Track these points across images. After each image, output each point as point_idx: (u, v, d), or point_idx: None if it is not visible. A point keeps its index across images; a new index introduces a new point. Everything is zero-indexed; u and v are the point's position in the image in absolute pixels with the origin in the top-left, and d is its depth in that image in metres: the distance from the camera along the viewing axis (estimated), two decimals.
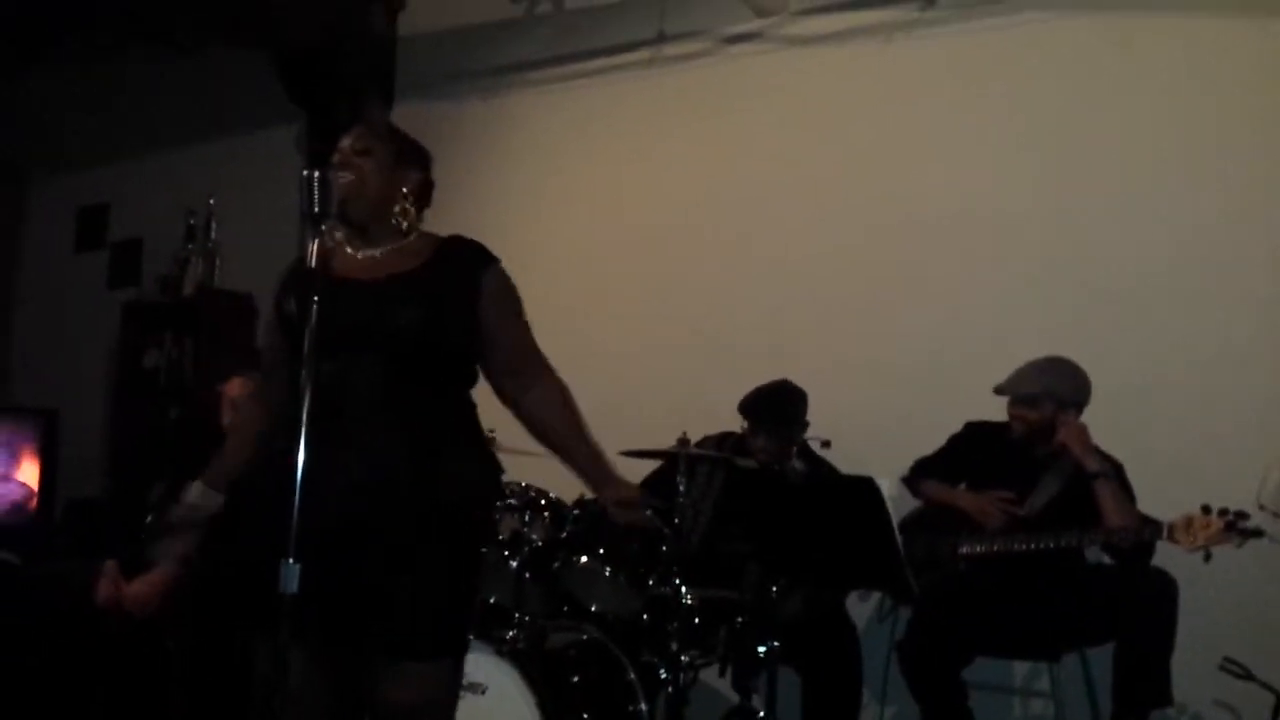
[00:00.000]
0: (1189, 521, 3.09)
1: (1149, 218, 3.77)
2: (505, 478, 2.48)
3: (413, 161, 2.38)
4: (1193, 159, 3.73)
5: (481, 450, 2.37)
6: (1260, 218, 3.62)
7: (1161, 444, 3.56)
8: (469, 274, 2.28)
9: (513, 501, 3.27)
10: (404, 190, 2.33)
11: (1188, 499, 3.15)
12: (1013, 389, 3.43)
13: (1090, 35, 3.91)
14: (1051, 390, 3.37)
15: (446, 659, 2.22)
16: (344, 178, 2.24)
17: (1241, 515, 3.10)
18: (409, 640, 2.14)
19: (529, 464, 3.17)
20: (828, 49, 4.33)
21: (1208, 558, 3.09)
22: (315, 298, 2.02)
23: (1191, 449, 3.57)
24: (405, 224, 2.33)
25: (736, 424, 3.88)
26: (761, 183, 4.45)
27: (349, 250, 2.32)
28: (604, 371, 4.58)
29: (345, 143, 2.32)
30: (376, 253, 2.30)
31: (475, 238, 2.45)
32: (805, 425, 3.76)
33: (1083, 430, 3.35)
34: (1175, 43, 3.78)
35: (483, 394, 2.39)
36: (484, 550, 2.68)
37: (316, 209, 2.06)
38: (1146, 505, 3.29)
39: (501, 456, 2.52)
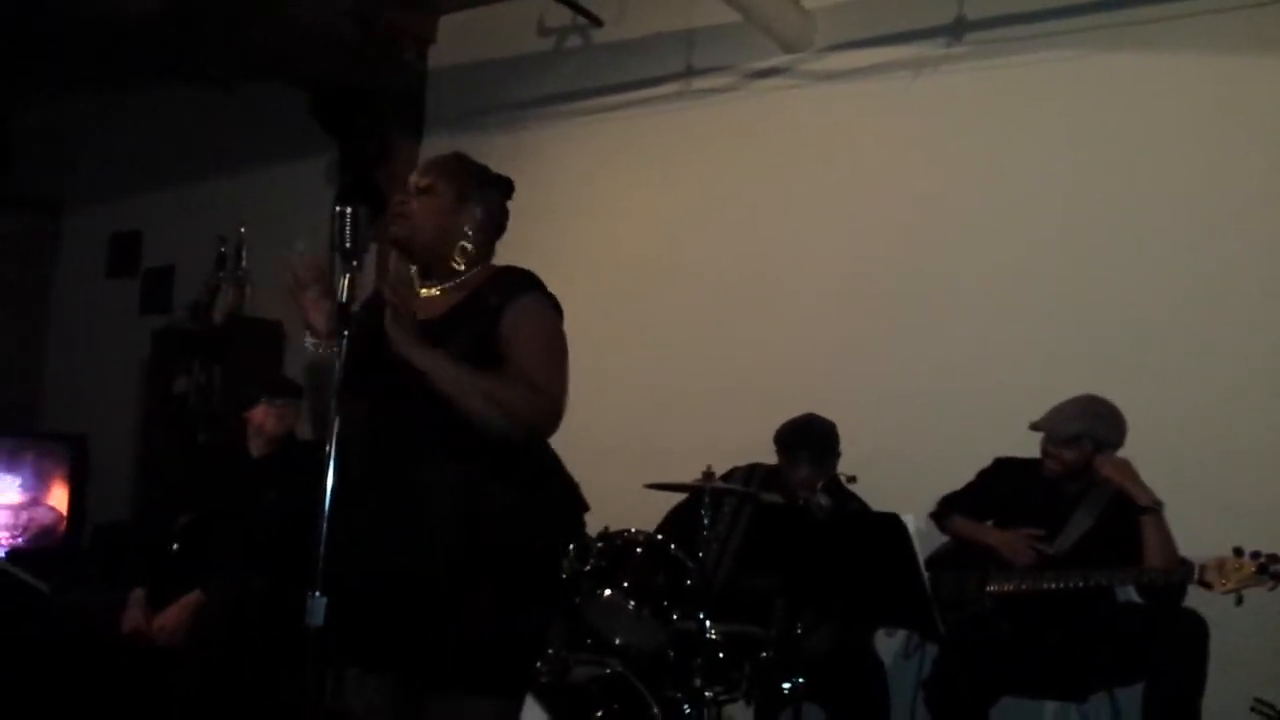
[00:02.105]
0: (1221, 564, 3.05)
1: (1178, 252, 3.75)
2: None
3: (478, 197, 2.34)
4: (1221, 195, 3.70)
5: (538, 486, 2.27)
6: None
7: (1192, 483, 3.50)
8: (499, 303, 2.23)
9: None
10: (466, 229, 2.31)
11: (1219, 539, 3.11)
12: (1051, 427, 3.39)
13: (1119, 71, 3.90)
14: (1091, 431, 3.34)
15: (498, 698, 2.17)
16: (398, 227, 2.26)
17: (1274, 558, 3.04)
18: (454, 672, 2.11)
19: None
20: (854, 84, 4.34)
21: (1239, 601, 3.04)
22: (345, 332, 2.03)
23: (1223, 488, 3.52)
24: (464, 264, 2.30)
25: (761, 456, 3.87)
26: (788, 217, 4.46)
27: (419, 287, 2.34)
28: (629, 404, 4.61)
29: (412, 178, 2.32)
30: (437, 290, 2.31)
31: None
32: (839, 455, 3.76)
33: (1127, 464, 3.31)
34: (1206, 81, 3.77)
35: None
36: (549, 593, 2.59)
37: (347, 244, 2.07)
38: (1178, 545, 3.24)
39: None
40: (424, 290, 2.32)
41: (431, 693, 2.13)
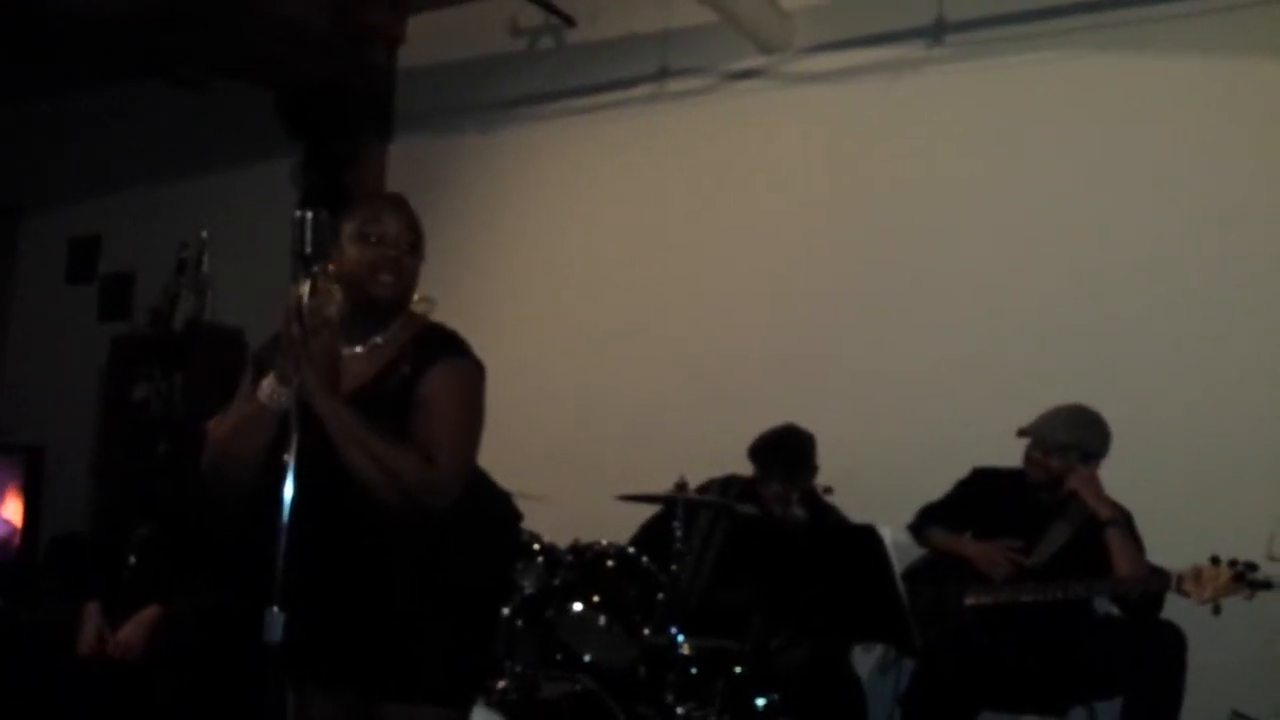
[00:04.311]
0: (1198, 573, 3.05)
1: (1163, 260, 3.73)
2: None
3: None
4: (1209, 199, 3.69)
5: (473, 501, 2.24)
6: (1277, 259, 3.57)
7: (1170, 492, 3.50)
8: (413, 372, 2.14)
9: None
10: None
11: (1196, 549, 3.10)
12: (1042, 435, 3.36)
13: (1100, 74, 3.88)
14: (1081, 442, 3.33)
15: (442, 706, 2.18)
16: (394, 286, 2.15)
17: (1251, 566, 3.05)
18: (400, 681, 2.12)
19: (522, 508, 3.11)
20: (833, 86, 4.31)
21: (1217, 610, 3.03)
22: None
23: (1200, 497, 3.51)
24: (401, 319, 2.21)
25: (736, 467, 3.81)
26: (765, 221, 4.41)
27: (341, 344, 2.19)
28: (601, 412, 4.56)
29: (394, 228, 2.17)
30: (360, 349, 2.18)
31: (473, 272, 2.36)
32: (816, 469, 3.71)
33: (1093, 478, 3.31)
34: (1191, 81, 3.76)
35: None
36: (493, 602, 2.55)
37: (308, 250, 1.99)
38: (1154, 554, 3.23)
39: None
40: (346, 349, 2.16)
41: (381, 705, 2.14)
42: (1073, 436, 3.32)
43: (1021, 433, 3.38)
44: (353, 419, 2.02)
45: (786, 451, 3.67)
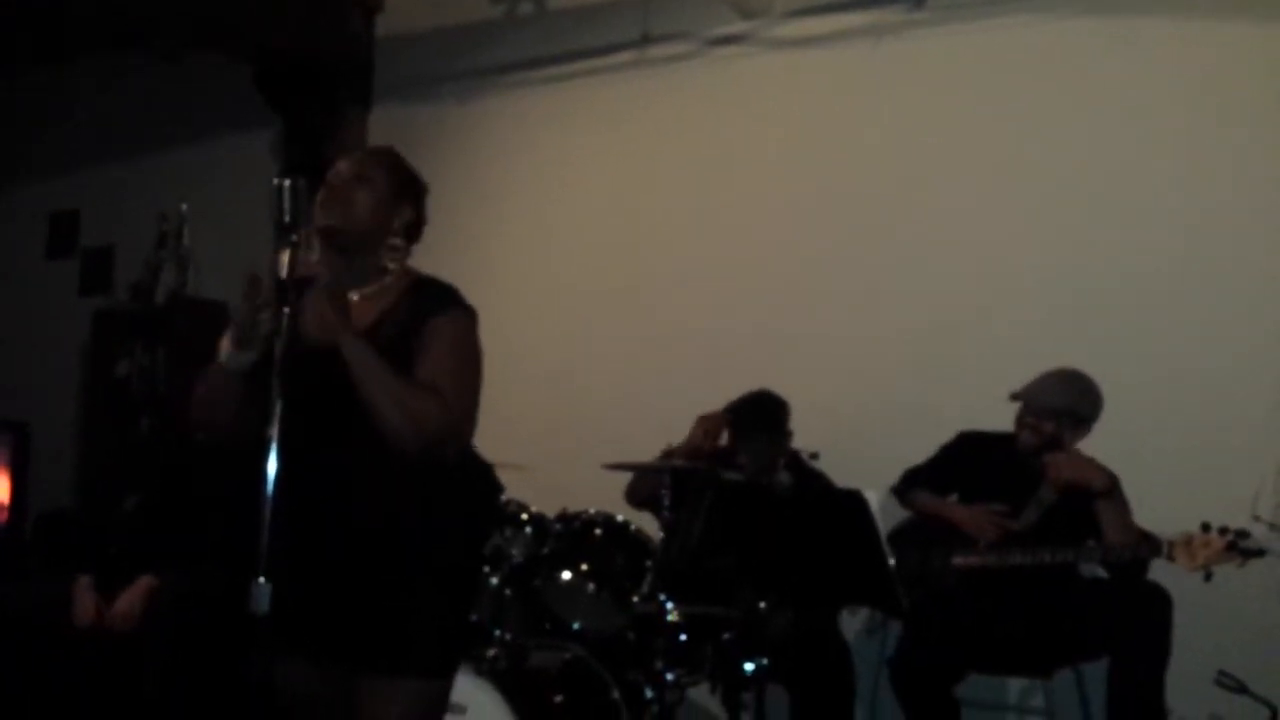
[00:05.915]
0: (1189, 540, 3.05)
1: (1146, 226, 3.71)
2: None
3: (409, 196, 2.26)
4: (1192, 164, 3.68)
5: (457, 472, 2.25)
6: (1262, 226, 3.56)
7: (1158, 456, 3.50)
8: (415, 324, 2.15)
9: None
10: (396, 227, 2.22)
11: (1185, 512, 3.11)
12: (1035, 399, 3.34)
13: (1084, 38, 3.86)
14: (1074, 407, 3.31)
15: (430, 679, 2.19)
16: (330, 214, 2.14)
17: (1242, 534, 3.05)
18: (391, 655, 2.12)
19: (509, 477, 3.10)
20: (815, 51, 4.27)
21: (1208, 577, 3.04)
22: (286, 309, 1.99)
23: (1189, 462, 3.52)
24: (390, 265, 2.21)
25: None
26: (747, 187, 4.39)
27: None
28: (586, 381, 4.55)
29: (343, 166, 2.20)
30: (355, 296, 2.18)
31: (455, 241, 2.36)
32: (790, 434, 3.69)
33: (1076, 455, 3.27)
34: (1173, 46, 3.73)
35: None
36: (477, 574, 2.56)
37: (287, 218, 2.00)
38: (1142, 519, 3.23)
39: None
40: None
41: (366, 678, 2.14)
42: (1065, 401, 3.31)
43: (1014, 396, 3.37)
44: (377, 361, 2.03)
45: (754, 417, 3.65)
